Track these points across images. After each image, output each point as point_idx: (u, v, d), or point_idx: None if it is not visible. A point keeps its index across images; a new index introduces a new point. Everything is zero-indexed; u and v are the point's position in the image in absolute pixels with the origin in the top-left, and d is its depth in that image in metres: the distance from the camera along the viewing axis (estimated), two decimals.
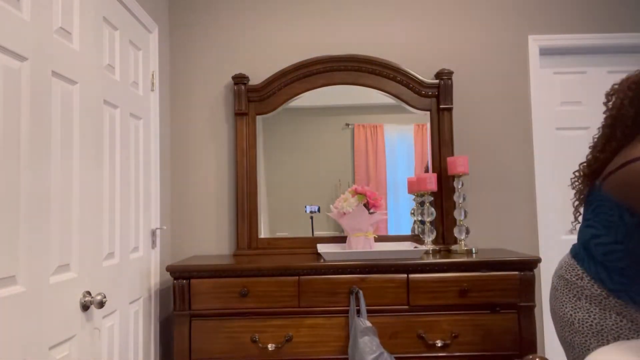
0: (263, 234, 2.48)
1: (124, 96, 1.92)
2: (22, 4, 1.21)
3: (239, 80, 2.47)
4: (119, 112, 1.87)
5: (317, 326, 1.97)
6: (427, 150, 2.51)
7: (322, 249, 2.25)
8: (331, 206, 2.26)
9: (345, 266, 1.98)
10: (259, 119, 2.51)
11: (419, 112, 2.51)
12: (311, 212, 2.49)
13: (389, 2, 2.60)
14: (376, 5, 2.60)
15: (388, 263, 1.98)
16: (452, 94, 2.47)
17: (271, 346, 1.95)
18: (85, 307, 1.43)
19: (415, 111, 2.51)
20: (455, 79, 2.57)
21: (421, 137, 2.52)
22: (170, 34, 2.59)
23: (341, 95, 2.52)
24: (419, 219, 2.45)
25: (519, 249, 2.51)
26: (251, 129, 2.50)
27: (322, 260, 2.03)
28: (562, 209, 2.58)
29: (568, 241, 2.56)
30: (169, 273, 2.00)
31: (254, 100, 2.50)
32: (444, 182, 2.44)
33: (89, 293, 1.45)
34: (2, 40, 1.12)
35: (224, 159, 2.55)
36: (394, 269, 1.99)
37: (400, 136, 2.52)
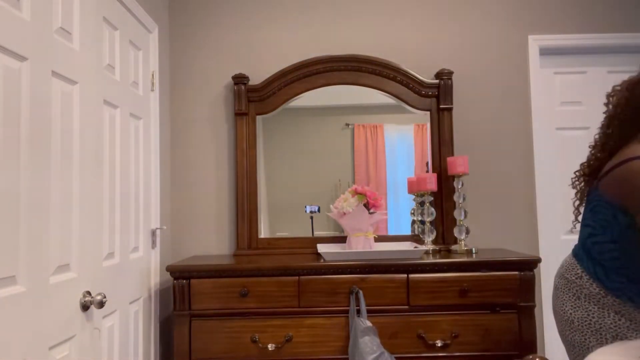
0: (263, 234, 2.48)
1: (124, 96, 1.92)
2: (22, 4, 1.21)
3: (239, 80, 2.47)
4: (119, 112, 1.87)
5: (317, 326, 1.97)
6: (427, 150, 2.51)
7: (322, 249, 2.25)
8: (331, 206, 2.26)
9: (345, 266, 1.98)
10: (259, 119, 2.51)
11: (419, 112, 2.51)
12: (311, 212, 2.49)
13: (389, 2, 2.60)
14: (376, 5, 2.60)
15: (388, 263, 1.98)
16: (452, 94, 2.47)
17: (271, 346, 1.95)
18: (85, 307, 1.43)
19: (415, 111, 2.51)
20: (455, 79, 2.57)
21: (421, 137, 2.52)
22: (170, 34, 2.59)
23: (341, 95, 2.52)
24: (419, 219, 2.45)
25: (519, 249, 2.51)
26: (251, 129, 2.50)
27: (322, 260, 2.03)
28: (562, 209, 2.58)
29: (568, 241, 2.56)
30: (169, 273, 2.00)
31: (254, 100, 2.50)
32: (444, 182, 2.44)
33: (89, 293, 1.44)
34: (2, 40, 1.11)
35: (224, 159, 2.55)
36: (394, 269, 1.99)
37: (400, 136, 2.52)
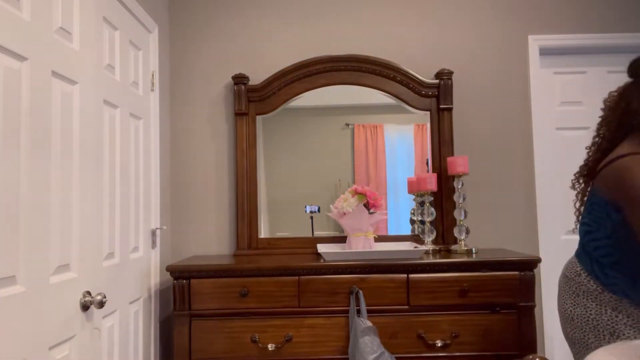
0: (263, 234, 2.48)
1: (124, 96, 1.92)
2: (22, 4, 1.21)
3: (239, 80, 2.47)
4: (119, 112, 1.87)
5: (317, 326, 1.97)
6: (427, 150, 2.51)
7: (322, 249, 2.25)
8: (331, 206, 2.26)
9: (345, 266, 1.98)
10: (259, 119, 2.51)
11: (419, 112, 2.51)
12: (311, 212, 2.49)
13: (389, 2, 2.60)
14: (376, 5, 2.60)
15: (388, 263, 1.98)
16: (452, 94, 2.47)
17: (271, 346, 1.95)
18: (85, 307, 1.43)
19: (415, 111, 2.51)
20: (455, 79, 2.57)
21: (421, 137, 2.52)
22: (170, 34, 2.59)
23: (341, 95, 2.52)
24: (419, 219, 2.45)
25: (519, 249, 2.51)
26: (251, 129, 2.50)
27: (322, 260, 2.03)
28: (562, 209, 2.58)
29: (568, 241, 2.56)
30: (169, 273, 2.00)
31: (254, 100, 2.50)
32: (444, 182, 2.44)
33: (89, 293, 1.45)
34: (2, 40, 1.12)
35: (224, 159, 2.55)
36: (394, 269, 1.99)
37: (400, 136, 2.52)
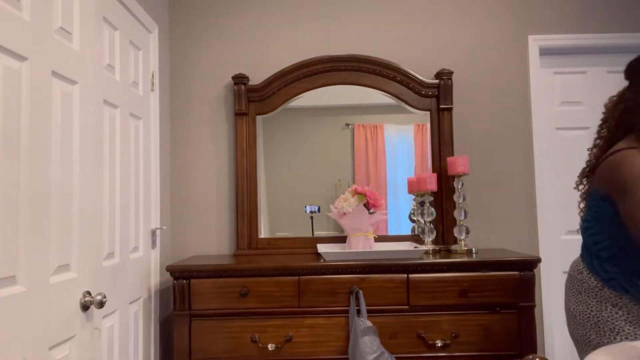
0: (263, 234, 2.48)
1: (124, 96, 1.92)
2: (22, 4, 1.21)
3: (239, 80, 2.47)
4: (119, 112, 1.87)
5: (317, 326, 1.97)
6: (427, 150, 2.51)
7: (322, 249, 2.25)
8: (331, 206, 2.26)
9: (345, 266, 1.98)
10: (259, 119, 2.51)
11: (419, 112, 2.51)
12: (311, 212, 2.49)
13: (389, 2, 2.60)
14: (376, 5, 2.60)
15: (388, 263, 1.98)
16: (452, 94, 2.47)
17: (271, 346, 1.95)
18: (85, 307, 1.43)
19: (415, 111, 2.51)
20: (455, 79, 2.57)
21: (421, 137, 2.52)
22: (170, 34, 2.59)
23: (341, 95, 2.52)
24: (419, 219, 2.45)
25: (519, 249, 2.51)
26: (251, 129, 2.50)
27: (322, 260, 2.03)
28: (562, 208, 2.58)
29: (568, 241, 2.56)
30: (169, 273, 2.00)
31: (254, 100, 2.50)
32: (444, 182, 2.44)
33: (89, 293, 1.44)
34: (2, 40, 1.11)
35: (224, 159, 2.55)
36: (393, 269, 1.99)
37: (400, 136, 2.52)
